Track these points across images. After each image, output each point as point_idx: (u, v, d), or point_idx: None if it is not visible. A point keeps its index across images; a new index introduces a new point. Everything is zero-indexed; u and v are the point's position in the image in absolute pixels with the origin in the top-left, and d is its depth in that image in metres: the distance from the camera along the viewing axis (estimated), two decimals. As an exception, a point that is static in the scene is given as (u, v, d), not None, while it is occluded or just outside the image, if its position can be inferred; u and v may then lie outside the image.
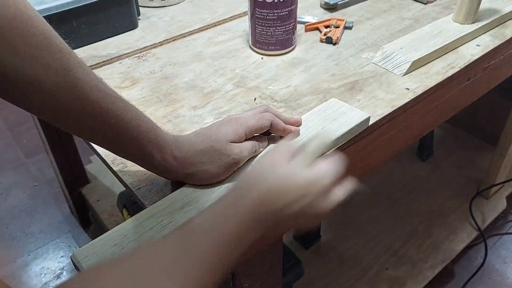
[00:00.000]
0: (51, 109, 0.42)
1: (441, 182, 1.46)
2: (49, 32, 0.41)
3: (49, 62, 0.40)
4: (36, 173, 1.70)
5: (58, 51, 0.41)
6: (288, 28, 0.72)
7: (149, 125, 0.46)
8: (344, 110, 0.58)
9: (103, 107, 0.43)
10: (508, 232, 1.44)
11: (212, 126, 0.51)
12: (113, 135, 0.45)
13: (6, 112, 2.01)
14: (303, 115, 0.59)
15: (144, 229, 0.44)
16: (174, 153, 0.47)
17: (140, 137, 0.45)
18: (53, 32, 0.42)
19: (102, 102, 0.43)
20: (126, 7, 0.78)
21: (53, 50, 0.41)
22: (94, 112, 0.43)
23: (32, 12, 0.41)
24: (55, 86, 0.41)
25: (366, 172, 0.66)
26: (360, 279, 1.18)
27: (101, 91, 0.43)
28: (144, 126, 0.46)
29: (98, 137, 0.46)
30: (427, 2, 0.89)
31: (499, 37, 0.77)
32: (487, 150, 1.55)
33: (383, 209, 1.37)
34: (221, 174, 0.49)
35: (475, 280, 1.28)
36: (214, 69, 0.71)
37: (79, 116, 0.43)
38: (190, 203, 0.47)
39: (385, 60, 0.70)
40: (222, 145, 0.48)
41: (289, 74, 0.70)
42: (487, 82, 0.82)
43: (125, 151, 0.47)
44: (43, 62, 0.40)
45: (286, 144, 0.46)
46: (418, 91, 0.65)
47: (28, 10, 0.40)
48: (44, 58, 0.40)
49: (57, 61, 0.41)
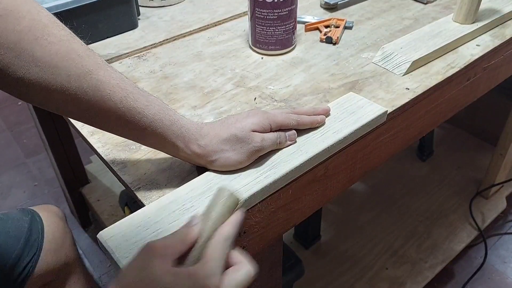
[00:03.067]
0: (77, 111, 0.44)
1: (441, 182, 1.46)
2: (66, 37, 0.42)
3: (70, 68, 0.41)
4: (36, 173, 1.70)
5: (77, 56, 0.42)
6: (288, 28, 0.72)
7: (172, 117, 0.47)
8: (362, 104, 0.59)
9: (126, 106, 0.44)
10: (508, 232, 1.44)
11: (238, 115, 0.51)
12: (138, 130, 0.46)
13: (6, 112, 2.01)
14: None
15: (167, 212, 0.46)
16: (198, 142, 0.48)
17: (164, 130, 0.46)
18: (71, 36, 0.43)
19: (125, 101, 0.44)
20: (126, 7, 0.78)
21: (73, 56, 0.42)
22: (118, 111, 0.44)
23: (48, 19, 0.42)
24: (78, 91, 0.42)
25: (366, 172, 0.66)
26: (360, 279, 1.18)
27: (123, 90, 0.44)
28: (168, 119, 0.46)
29: (123, 133, 0.47)
30: (427, 2, 0.89)
31: (499, 37, 0.77)
32: (487, 150, 1.55)
33: (383, 209, 1.37)
34: (243, 161, 0.49)
35: (475, 280, 1.28)
36: (214, 69, 0.71)
37: (104, 116, 0.44)
38: (211, 189, 0.48)
39: (385, 60, 0.70)
40: (245, 133, 0.48)
41: (289, 73, 0.70)
42: (487, 82, 0.82)
43: (150, 143, 0.49)
44: (64, 69, 0.41)
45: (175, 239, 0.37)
46: (418, 91, 0.65)
47: (43, 18, 0.41)
48: (65, 65, 0.41)
49: (78, 66, 0.42)
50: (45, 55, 0.40)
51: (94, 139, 0.57)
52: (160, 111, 0.46)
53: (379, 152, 0.65)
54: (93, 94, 0.42)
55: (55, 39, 0.41)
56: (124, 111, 0.44)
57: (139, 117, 0.45)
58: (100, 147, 0.56)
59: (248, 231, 0.51)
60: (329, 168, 0.57)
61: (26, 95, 0.42)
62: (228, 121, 0.50)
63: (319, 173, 0.56)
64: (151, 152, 0.55)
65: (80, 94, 0.42)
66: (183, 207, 0.46)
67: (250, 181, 0.49)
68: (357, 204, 1.40)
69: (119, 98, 0.43)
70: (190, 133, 0.48)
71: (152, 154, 0.55)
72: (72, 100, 0.42)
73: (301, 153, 0.52)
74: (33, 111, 1.17)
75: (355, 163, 0.62)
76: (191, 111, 0.62)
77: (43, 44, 0.40)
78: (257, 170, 0.50)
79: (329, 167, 0.57)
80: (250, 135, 0.49)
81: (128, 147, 0.56)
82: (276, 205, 0.53)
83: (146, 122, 0.45)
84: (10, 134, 1.89)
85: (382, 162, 0.68)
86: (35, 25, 0.40)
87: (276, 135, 0.51)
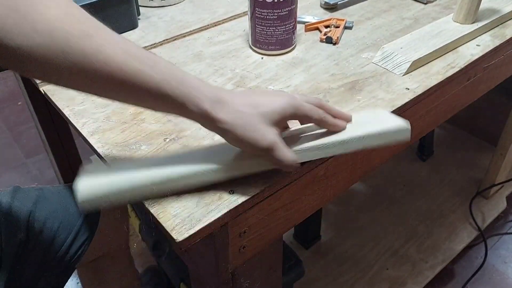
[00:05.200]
0: (79, 78, 0.42)
1: (441, 182, 1.47)
2: (64, 2, 0.41)
3: (69, 31, 0.40)
4: (36, 173, 1.70)
5: (76, 20, 0.41)
6: (288, 28, 0.72)
7: (180, 77, 0.44)
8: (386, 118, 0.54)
9: (130, 67, 0.41)
10: (508, 232, 1.44)
11: (265, 94, 0.48)
12: (144, 93, 0.43)
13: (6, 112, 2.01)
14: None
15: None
16: (212, 104, 0.44)
17: (172, 91, 0.43)
18: (69, 1, 0.42)
19: (129, 63, 0.41)
20: (126, 7, 0.78)
21: (71, 19, 0.40)
22: (122, 74, 0.41)
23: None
24: (79, 55, 0.40)
25: (366, 172, 0.66)
26: (360, 279, 1.18)
27: (126, 52, 0.42)
28: (175, 80, 0.43)
29: (128, 97, 0.45)
30: (427, 2, 0.89)
31: (499, 37, 0.77)
32: (487, 150, 1.55)
33: (383, 209, 1.38)
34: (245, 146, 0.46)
35: (475, 280, 1.28)
36: (214, 69, 0.71)
37: (107, 80, 0.42)
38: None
39: (385, 60, 0.70)
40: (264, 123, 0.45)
41: (289, 74, 0.70)
42: (487, 82, 0.82)
43: (157, 106, 0.45)
44: (63, 32, 0.40)
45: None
46: (418, 91, 0.65)
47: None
48: (64, 29, 0.40)
49: (77, 29, 0.40)
50: (43, 19, 0.39)
51: (94, 139, 0.57)
52: (167, 72, 0.43)
53: (379, 152, 0.65)
54: (95, 57, 0.40)
55: (52, 3, 0.40)
56: (129, 73, 0.42)
57: (144, 79, 0.42)
58: (100, 147, 0.56)
59: (248, 231, 0.51)
60: (329, 168, 0.57)
61: (26, 65, 0.40)
62: (254, 97, 0.47)
63: (319, 173, 0.56)
64: (152, 152, 0.55)
65: (81, 58, 0.40)
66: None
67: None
68: (357, 204, 1.40)
69: (122, 60, 0.41)
70: (202, 93, 0.44)
71: (152, 154, 0.55)
72: (73, 67, 0.40)
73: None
74: (33, 111, 1.17)
75: (355, 163, 0.62)
76: (191, 111, 0.62)
77: (40, 8, 0.39)
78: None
79: (329, 167, 0.57)
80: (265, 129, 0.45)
81: (128, 147, 0.56)
82: (276, 205, 0.53)
83: (152, 83, 0.42)
84: (10, 134, 1.89)
85: (382, 162, 0.68)
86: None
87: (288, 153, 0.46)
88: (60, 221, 0.72)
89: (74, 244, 0.74)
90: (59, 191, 0.76)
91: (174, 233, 0.45)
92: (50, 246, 0.71)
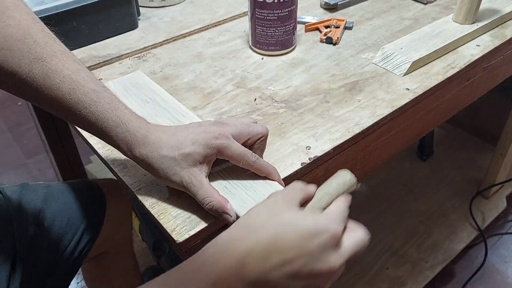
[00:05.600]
0: (27, 95, 0.44)
1: (441, 182, 1.47)
2: (27, 22, 0.43)
3: (23, 52, 0.42)
4: (36, 173, 1.70)
5: (33, 42, 0.42)
6: (288, 28, 0.72)
7: (120, 118, 0.45)
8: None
9: (74, 98, 0.43)
10: (508, 232, 1.44)
11: (191, 131, 0.46)
12: (85, 124, 0.45)
13: (6, 112, 2.01)
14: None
15: None
16: (140, 149, 0.45)
17: (109, 130, 0.45)
18: (33, 22, 0.43)
19: (73, 93, 0.43)
20: (126, 7, 0.78)
21: (28, 41, 0.42)
22: (66, 102, 0.44)
23: (12, 2, 0.42)
24: (28, 76, 0.42)
25: (366, 172, 0.66)
26: (360, 279, 1.18)
27: (74, 82, 0.43)
28: (114, 121, 0.45)
29: (73, 122, 0.46)
30: (427, 2, 0.89)
31: (499, 37, 0.77)
32: (487, 150, 1.55)
33: (383, 209, 1.37)
34: (169, 183, 0.46)
35: (475, 280, 1.28)
36: (215, 70, 0.71)
37: (52, 104, 0.44)
38: None
39: (385, 60, 0.70)
40: (184, 165, 0.45)
41: (289, 74, 0.70)
42: (487, 82, 0.82)
43: (100, 138, 0.47)
44: (17, 52, 0.41)
45: (297, 186, 0.41)
46: (418, 91, 0.65)
47: (7, 1, 0.42)
48: (18, 49, 0.41)
49: (31, 52, 0.42)
50: (3, 30, 0.41)
51: (94, 139, 0.57)
52: (109, 109, 0.44)
53: (379, 152, 0.65)
54: (42, 81, 0.42)
55: (13, 22, 0.42)
56: (72, 103, 0.43)
57: (85, 112, 0.44)
58: (100, 148, 0.56)
59: (248, 232, 0.51)
60: (329, 168, 0.58)
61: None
62: (179, 136, 0.45)
63: (320, 173, 0.56)
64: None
65: (29, 80, 0.42)
66: None
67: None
68: (357, 204, 1.40)
69: (67, 90, 0.43)
70: (134, 138, 0.45)
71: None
72: (22, 85, 0.43)
73: None
74: (33, 112, 1.17)
75: (356, 164, 0.62)
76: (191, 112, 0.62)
77: (2, 19, 0.41)
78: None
79: (330, 167, 0.57)
80: (187, 173, 0.44)
81: (128, 148, 0.56)
82: (276, 205, 0.53)
83: (92, 118, 0.44)
84: (10, 135, 1.89)
85: (382, 162, 0.68)
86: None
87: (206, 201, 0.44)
88: (68, 219, 0.73)
89: (81, 240, 0.74)
90: (65, 188, 0.77)
91: (174, 234, 0.45)
92: (59, 243, 0.71)
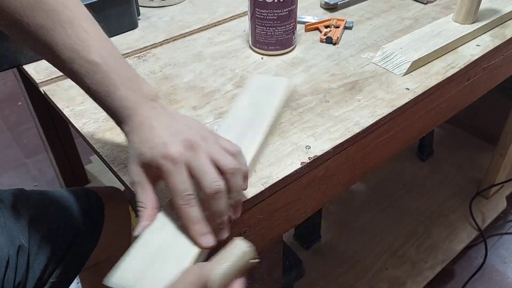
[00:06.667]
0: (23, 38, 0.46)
1: (441, 182, 1.47)
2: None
3: (32, 20, 0.44)
4: (36, 173, 1.70)
5: (41, 10, 0.44)
6: (288, 28, 0.72)
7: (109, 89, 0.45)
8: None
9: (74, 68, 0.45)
10: (508, 232, 1.44)
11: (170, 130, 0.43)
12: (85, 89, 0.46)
13: (6, 112, 2.01)
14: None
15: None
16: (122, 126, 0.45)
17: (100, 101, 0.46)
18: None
19: (74, 64, 0.45)
20: (126, 7, 0.78)
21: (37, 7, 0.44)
22: (67, 69, 0.45)
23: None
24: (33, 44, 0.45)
25: (366, 172, 0.66)
26: (360, 279, 1.19)
27: (74, 52, 0.45)
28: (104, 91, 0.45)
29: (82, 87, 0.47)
30: (427, 2, 0.89)
31: (499, 37, 0.77)
32: (487, 150, 1.55)
33: (383, 209, 1.38)
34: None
35: (475, 280, 1.28)
36: (214, 69, 0.71)
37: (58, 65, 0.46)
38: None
39: (385, 60, 0.70)
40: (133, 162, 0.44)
41: (289, 74, 0.70)
42: (487, 82, 0.82)
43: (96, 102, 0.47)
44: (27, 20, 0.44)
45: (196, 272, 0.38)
46: (418, 91, 0.65)
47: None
48: (28, 17, 0.44)
49: (38, 19, 0.44)
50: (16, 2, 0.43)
51: (94, 139, 0.57)
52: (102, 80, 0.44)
53: (379, 152, 0.65)
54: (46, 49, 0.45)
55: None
56: (71, 71, 0.45)
57: (82, 80, 0.45)
58: (100, 147, 0.56)
59: (248, 231, 0.51)
60: (329, 168, 0.58)
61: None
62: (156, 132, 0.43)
63: (319, 173, 0.56)
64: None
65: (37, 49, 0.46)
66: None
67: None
68: (357, 204, 1.40)
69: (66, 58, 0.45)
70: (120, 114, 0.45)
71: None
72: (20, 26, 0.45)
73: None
74: (33, 111, 1.17)
75: (355, 164, 0.62)
76: (191, 112, 0.62)
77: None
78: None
79: (329, 167, 0.57)
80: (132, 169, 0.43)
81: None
82: (276, 205, 0.53)
83: (85, 85, 0.46)
84: (10, 134, 1.89)
85: (382, 162, 0.68)
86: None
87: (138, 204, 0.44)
88: (64, 225, 0.72)
89: (78, 248, 0.73)
90: (63, 195, 0.75)
91: (174, 233, 0.45)
92: (55, 250, 0.70)
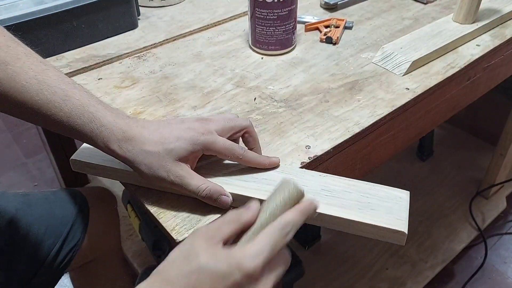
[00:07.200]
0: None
1: (441, 182, 1.46)
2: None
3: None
4: (36, 173, 1.70)
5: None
6: (288, 28, 0.72)
7: (93, 114, 0.44)
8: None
9: (42, 99, 0.44)
10: (508, 232, 1.44)
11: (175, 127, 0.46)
12: (57, 124, 0.45)
13: (6, 112, 2.01)
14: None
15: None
16: (120, 144, 0.45)
17: (82, 127, 0.45)
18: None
19: (41, 94, 0.44)
20: (126, 7, 0.78)
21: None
22: (35, 104, 0.44)
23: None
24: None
25: (366, 172, 0.66)
26: (360, 279, 1.18)
27: (40, 82, 0.44)
28: (87, 117, 0.44)
29: (44, 125, 0.46)
30: (427, 2, 0.89)
31: (499, 37, 0.77)
32: (487, 150, 1.55)
33: (383, 209, 1.37)
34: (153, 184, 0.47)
35: (475, 280, 1.28)
36: (214, 69, 0.71)
37: (21, 108, 0.44)
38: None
39: (385, 60, 0.70)
40: (169, 160, 0.44)
41: (289, 74, 0.70)
42: (487, 82, 0.82)
43: (74, 137, 0.46)
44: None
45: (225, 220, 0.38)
46: (418, 91, 0.65)
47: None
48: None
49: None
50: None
51: (94, 139, 0.57)
52: (80, 106, 0.44)
53: (379, 152, 0.65)
54: (8, 85, 0.43)
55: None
56: (41, 104, 0.44)
57: (55, 111, 0.44)
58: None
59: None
60: (329, 168, 0.57)
61: None
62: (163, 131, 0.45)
63: (319, 173, 0.56)
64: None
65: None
66: None
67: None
68: (357, 204, 1.39)
69: (35, 91, 0.43)
70: (111, 133, 0.44)
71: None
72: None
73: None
74: (33, 111, 1.17)
75: (355, 163, 0.62)
76: (191, 111, 0.62)
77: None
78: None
79: (329, 167, 0.57)
80: (171, 166, 0.44)
81: (128, 147, 0.56)
82: (276, 205, 0.53)
83: (63, 117, 0.44)
84: (10, 134, 1.89)
85: (382, 162, 0.68)
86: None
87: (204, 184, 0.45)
88: (46, 227, 0.71)
89: (62, 249, 0.72)
90: (47, 196, 0.75)
91: (174, 233, 0.45)
92: (37, 251, 0.69)
